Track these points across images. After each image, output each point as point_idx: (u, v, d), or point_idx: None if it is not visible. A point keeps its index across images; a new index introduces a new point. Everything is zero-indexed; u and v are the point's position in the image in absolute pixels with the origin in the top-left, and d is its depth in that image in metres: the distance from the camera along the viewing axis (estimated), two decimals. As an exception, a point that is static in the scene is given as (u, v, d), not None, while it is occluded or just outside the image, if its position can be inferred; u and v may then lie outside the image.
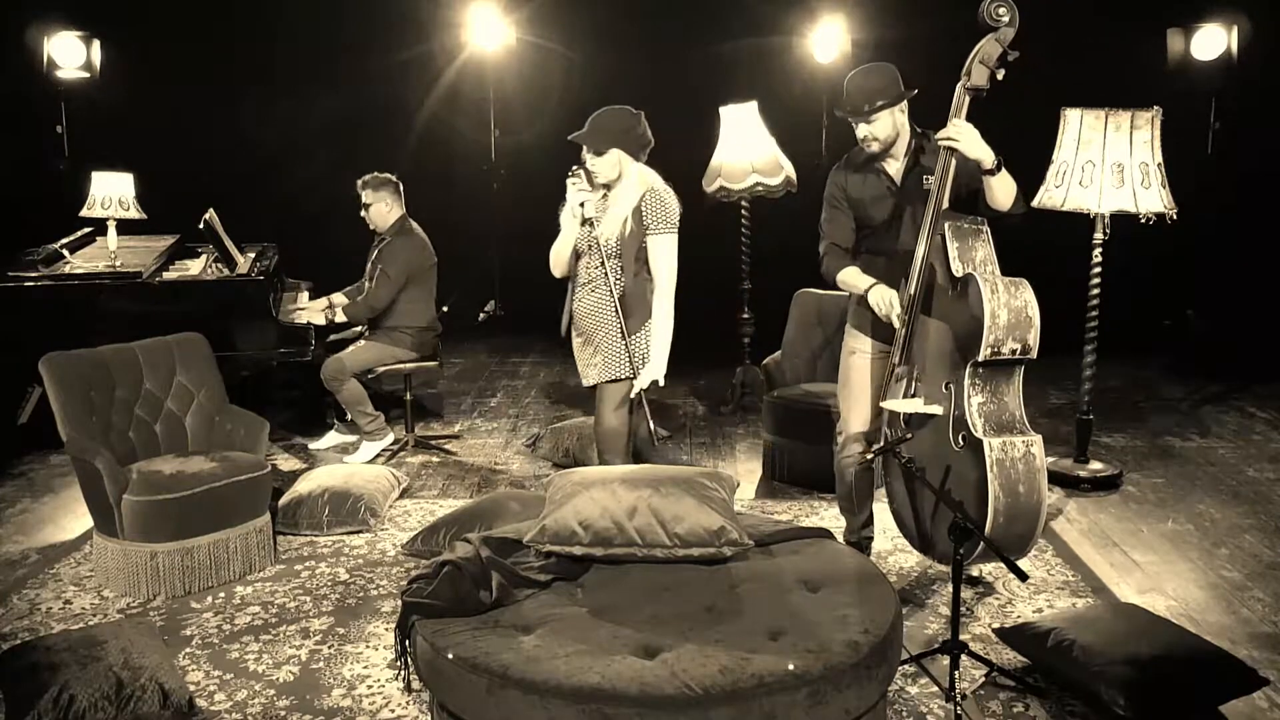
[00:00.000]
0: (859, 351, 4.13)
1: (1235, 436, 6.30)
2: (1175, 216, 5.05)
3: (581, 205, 4.12)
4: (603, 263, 4.13)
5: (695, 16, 8.72)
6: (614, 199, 4.17)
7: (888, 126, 3.85)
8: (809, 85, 9.00)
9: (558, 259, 4.32)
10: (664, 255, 4.16)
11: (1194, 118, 8.33)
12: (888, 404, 3.95)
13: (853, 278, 3.99)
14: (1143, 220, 5.06)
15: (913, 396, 3.92)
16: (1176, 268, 8.38)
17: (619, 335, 4.16)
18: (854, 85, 3.86)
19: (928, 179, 3.86)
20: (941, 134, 3.71)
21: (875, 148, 3.89)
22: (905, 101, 3.89)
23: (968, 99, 3.76)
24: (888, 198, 3.96)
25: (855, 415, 4.13)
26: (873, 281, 3.91)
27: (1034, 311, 3.71)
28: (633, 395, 4.20)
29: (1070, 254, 5.56)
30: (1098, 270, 5.27)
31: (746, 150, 6.35)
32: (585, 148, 4.15)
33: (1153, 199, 5.03)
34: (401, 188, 5.88)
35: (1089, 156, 5.08)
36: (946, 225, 3.80)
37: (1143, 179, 5.02)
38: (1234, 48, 8.02)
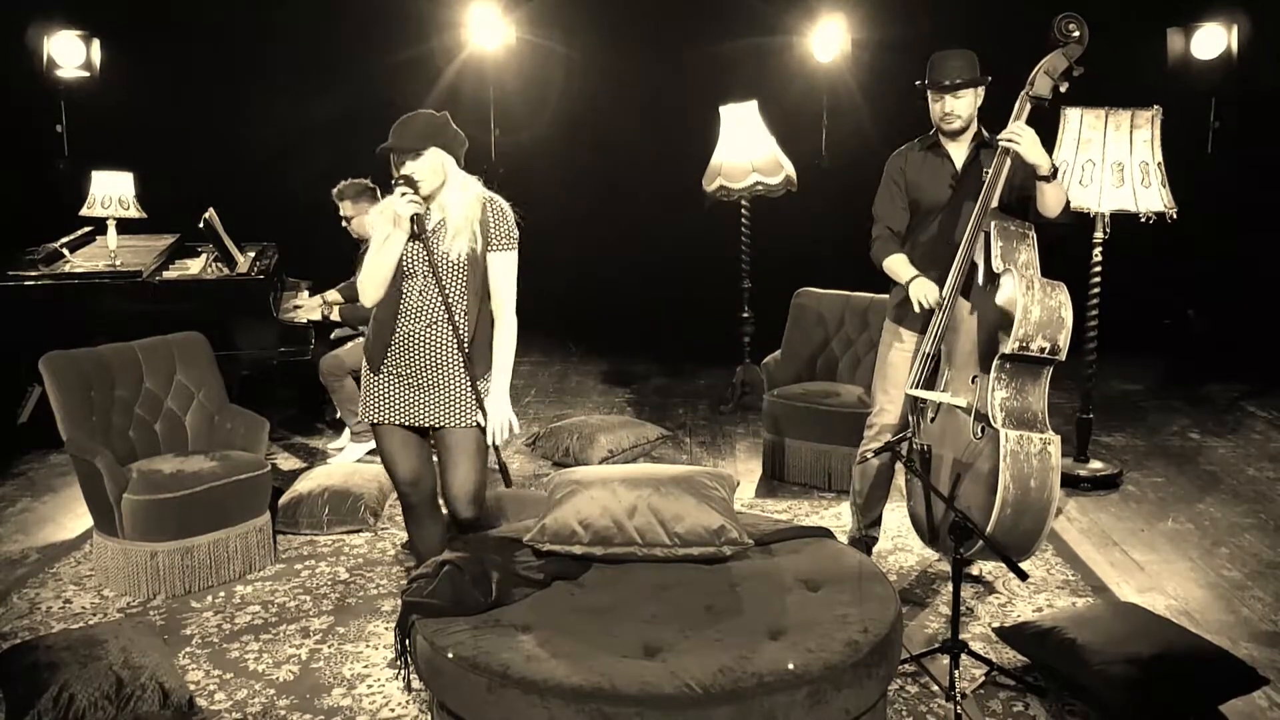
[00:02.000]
0: (900, 346, 4.14)
1: (1235, 436, 6.30)
2: (1175, 216, 5.06)
3: (414, 219, 3.36)
4: (442, 290, 3.41)
5: (695, 16, 8.71)
6: (448, 211, 3.46)
7: (970, 105, 3.93)
8: (809, 85, 8.99)
9: (376, 284, 3.46)
10: (509, 275, 3.53)
11: (1194, 118, 8.32)
12: (914, 390, 3.96)
13: (898, 266, 4.03)
14: (1143, 220, 5.06)
15: (941, 389, 3.94)
16: (1176, 268, 8.38)
17: (462, 378, 3.49)
18: (942, 62, 3.91)
19: (986, 172, 3.92)
20: (1003, 134, 3.78)
21: (957, 124, 3.95)
22: (983, 90, 3.97)
23: (1029, 106, 3.85)
24: (947, 182, 4.02)
25: (891, 407, 4.15)
26: (915, 274, 3.96)
27: (1068, 314, 3.71)
28: (489, 444, 3.55)
29: (1070, 254, 5.56)
30: (1098, 270, 5.27)
31: (746, 150, 6.35)
32: (395, 159, 3.43)
33: (1153, 198, 5.03)
34: (379, 192, 5.86)
35: (1089, 156, 5.08)
36: (993, 224, 3.83)
37: (1143, 178, 5.03)
38: (1234, 48, 8.01)
